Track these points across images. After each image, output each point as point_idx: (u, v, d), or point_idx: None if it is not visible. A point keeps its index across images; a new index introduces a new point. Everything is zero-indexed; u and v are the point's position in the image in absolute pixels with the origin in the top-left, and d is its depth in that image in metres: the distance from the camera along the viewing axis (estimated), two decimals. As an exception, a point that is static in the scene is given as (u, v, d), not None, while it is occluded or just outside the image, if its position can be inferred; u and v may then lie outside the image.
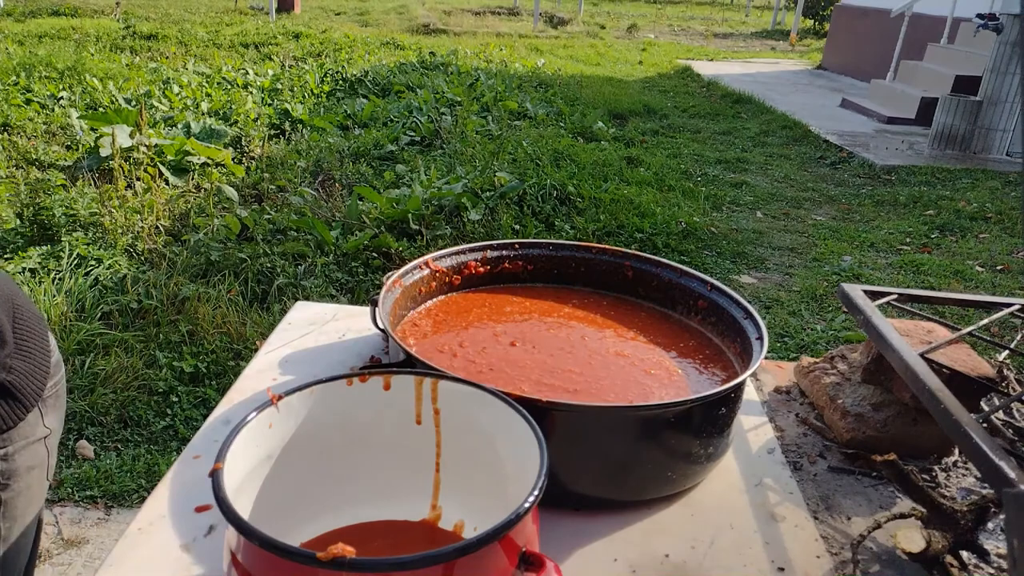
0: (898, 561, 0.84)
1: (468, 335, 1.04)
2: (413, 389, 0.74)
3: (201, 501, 0.83)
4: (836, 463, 1.02)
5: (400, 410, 0.75)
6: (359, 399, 0.74)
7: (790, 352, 3.34)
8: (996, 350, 1.16)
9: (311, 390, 0.71)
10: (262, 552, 0.54)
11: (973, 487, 0.98)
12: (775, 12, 19.52)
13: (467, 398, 0.73)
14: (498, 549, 0.57)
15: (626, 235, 4.39)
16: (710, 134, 7.36)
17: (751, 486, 0.93)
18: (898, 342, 0.96)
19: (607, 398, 0.92)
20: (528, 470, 0.63)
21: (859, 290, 1.13)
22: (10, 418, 0.98)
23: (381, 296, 0.98)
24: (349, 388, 0.73)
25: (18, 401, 0.99)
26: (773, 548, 0.83)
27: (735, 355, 1.03)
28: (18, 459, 1.01)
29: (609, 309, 1.16)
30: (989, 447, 0.75)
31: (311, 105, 6.84)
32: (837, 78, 11.07)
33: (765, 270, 4.29)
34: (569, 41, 13.53)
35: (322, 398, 0.72)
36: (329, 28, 11.51)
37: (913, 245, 4.73)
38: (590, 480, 0.84)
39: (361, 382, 0.73)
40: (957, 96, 6.77)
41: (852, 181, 6.01)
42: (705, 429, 0.86)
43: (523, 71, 9.41)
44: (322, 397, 0.72)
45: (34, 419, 1.04)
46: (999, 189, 5.75)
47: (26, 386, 1.01)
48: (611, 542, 0.82)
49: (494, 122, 6.53)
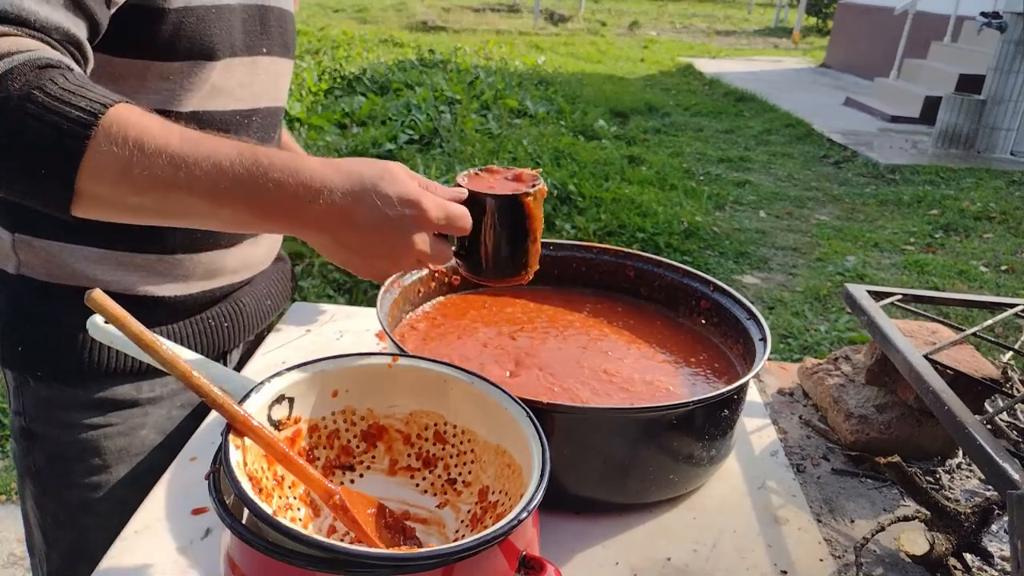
0: (902, 564, 0.84)
1: (464, 342, 1.04)
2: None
3: (198, 503, 0.82)
4: (840, 465, 1.02)
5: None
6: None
7: (793, 353, 3.33)
8: (1000, 351, 1.15)
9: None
10: (259, 556, 0.53)
11: (977, 489, 0.98)
12: (778, 9, 19.50)
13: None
14: (498, 552, 0.56)
15: (627, 235, 4.38)
16: (712, 132, 7.34)
17: (754, 488, 0.93)
18: (902, 343, 0.96)
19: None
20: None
21: (863, 290, 1.12)
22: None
23: (379, 296, 0.97)
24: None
25: None
26: (776, 551, 0.82)
27: (738, 356, 1.02)
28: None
29: (610, 311, 1.15)
30: (993, 449, 0.74)
31: (309, 103, 6.83)
32: (840, 76, 11.04)
33: (768, 270, 4.28)
34: (570, 38, 13.51)
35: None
36: (327, 25, 11.51)
37: (917, 245, 4.71)
38: (591, 482, 0.84)
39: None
40: (961, 95, 6.75)
41: (856, 180, 5.99)
42: (708, 431, 0.85)
43: (523, 69, 9.39)
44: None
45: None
46: (1003, 188, 5.73)
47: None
48: (613, 545, 0.81)
49: (494, 120, 6.51)
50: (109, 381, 0.93)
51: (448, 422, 0.74)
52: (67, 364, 0.91)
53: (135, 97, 0.83)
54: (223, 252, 0.97)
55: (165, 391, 0.97)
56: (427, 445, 0.75)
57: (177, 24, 0.81)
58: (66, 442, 0.94)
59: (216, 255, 0.96)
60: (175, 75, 0.84)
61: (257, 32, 0.92)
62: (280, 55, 0.98)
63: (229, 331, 1.02)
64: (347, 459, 0.74)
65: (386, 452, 0.75)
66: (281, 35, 0.98)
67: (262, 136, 0.98)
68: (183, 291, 0.95)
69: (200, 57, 0.84)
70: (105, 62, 0.79)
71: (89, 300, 0.56)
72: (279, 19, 0.97)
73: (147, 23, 0.79)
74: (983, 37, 6.91)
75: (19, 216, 0.88)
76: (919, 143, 7.05)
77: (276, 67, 0.98)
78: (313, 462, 0.72)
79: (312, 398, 0.71)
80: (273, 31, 0.95)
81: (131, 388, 0.94)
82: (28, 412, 0.94)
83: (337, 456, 0.73)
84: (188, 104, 0.86)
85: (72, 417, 0.93)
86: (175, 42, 0.81)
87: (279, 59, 0.98)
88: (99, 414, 0.93)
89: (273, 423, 0.68)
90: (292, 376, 0.69)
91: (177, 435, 0.99)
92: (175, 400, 0.99)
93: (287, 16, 0.99)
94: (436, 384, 0.73)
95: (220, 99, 0.89)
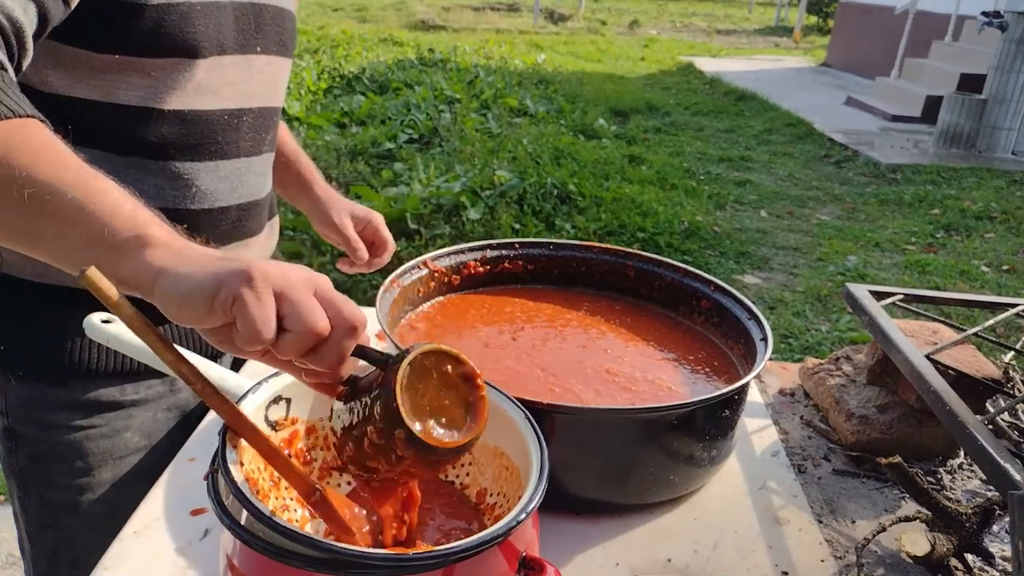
0: (903, 564, 0.83)
1: (465, 342, 1.04)
2: None
3: (196, 504, 0.82)
4: (841, 466, 1.01)
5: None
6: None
7: (794, 353, 3.32)
8: (1002, 351, 1.15)
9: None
10: (258, 556, 0.53)
11: (978, 489, 0.97)
12: (778, 9, 19.49)
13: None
14: (498, 553, 0.56)
15: (628, 234, 4.38)
16: (713, 132, 7.34)
17: (755, 489, 0.92)
18: (903, 343, 0.95)
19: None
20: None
21: (864, 290, 1.12)
22: None
23: (379, 296, 0.97)
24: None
25: None
26: (777, 552, 0.82)
27: (739, 356, 1.02)
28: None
29: (610, 311, 1.15)
30: (994, 449, 0.74)
31: (308, 102, 6.83)
32: (841, 75, 11.03)
33: (769, 270, 4.28)
34: (570, 37, 13.51)
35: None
36: (326, 24, 11.51)
37: (918, 245, 4.71)
38: (592, 483, 0.84)
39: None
40: (962, 94, 6.74)
41: (857, 180, 5.99)
42: (708, 431, 0.85)
43: (523, 68, 9.39)
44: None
45: None
46: (1004, 188, 5.73)
47: None
48: (613, 546, 0.81)
49: (494, 120, 6.51)
50: (92, 382, 0.92)
51: None
52: (49, 364, 0.90)
53: (115, 93, 0.82)
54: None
55: (150, 393, 0.97)
56: None
57: (157, 20, 0.79)
58: (49, 443, 0.93)
59: None
60: (156, 71, 0.82)
61: (251, 30, 0.91)
62: (276, 54, 0.96)
63: None
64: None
65: (385, 453, 0.75)
66: (278, 34, 0.96)
67: (254, 136, 0.97)
68: None
69: (183, 54, 0.83)
70: (84, 56, 0.78)
71: (83, 277, 0.54)
72: (276, 17, 0.95)
73: (124, 18, 0.77)
74: (984, 36, 6.90)
75: None
76: (920, 143, 7.05)
77: (271, 66, 0.96)
78: (310, 464, 0.72)
79: (310, 399, 0.70)
80: (269, 29, 0.94)
81: (115, 390, 0.93)
82: (11, 412, 0.94)
83: (334, 458, 0.73)
84: (171, 102, 0.85)
85: (55, 418, 0.92)
86: (156, 38, 0.80)
87: (275, 58, 0.96)
88: (82, 415, 0.93)
89: (270, 424, 0.67)
90: (290, 377, 0.68)
91: (164, 439, 0.98)
92: (160, 403, 0.98)
93: (286, 15, 0.98)
94: None
95: (206, 98, 0.88)
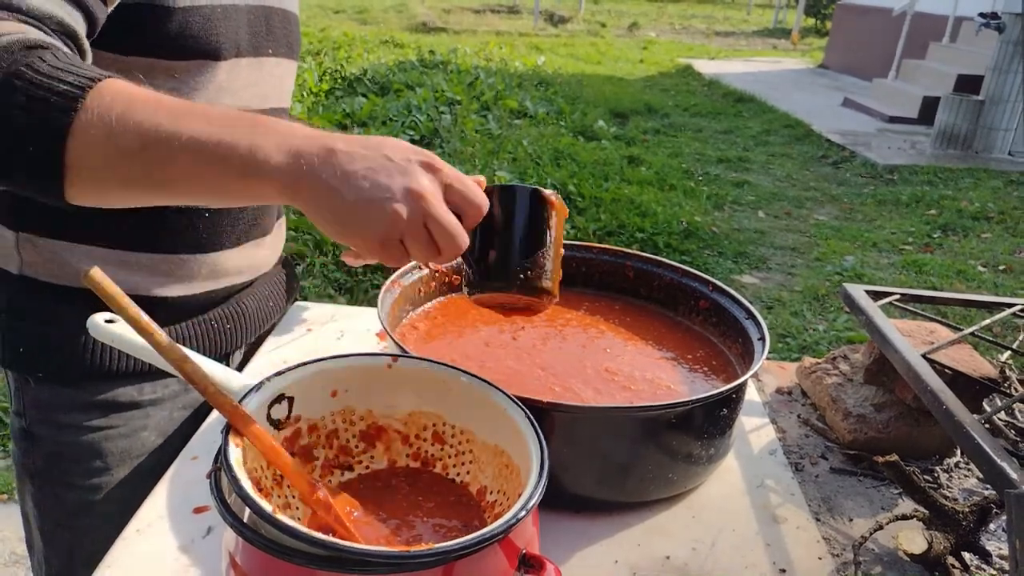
0: (900, 562, 0.84)
1: (465, 342, 1.04)
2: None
3: (199, 502, 0.82)
4: (838, 464, 1.02)
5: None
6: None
7: (792, 353, 3.33)
8: (998, 351, 1.16)
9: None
10: (261, 554, 0.54)
11: (975, 488, 0.98)
12: (776, 11, 19.51)
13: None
14: (498, 550, 0.56)
15: (627, 235, 4.38)
16: (711, 133, 7.35)
17: (753, 487, 0.93)
18: (900, 342, 0.96)
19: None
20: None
21: (861, 290, 1.13)
22: None
23: (380, 296, 0.98)
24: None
25: None
26: (775, 550, 0.83)
27: (736, 356, 1.02)
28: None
29: (609, 310, 1.15)
30: (991, 448, 0.74)
31: (309, 104, 6.83)
32: (839, 77, 11.04)
33: (767, 270, 4.29)
34: (570, 39, 13.52)
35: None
36: (328, 26, 11.51)
37: (915, 245, 4.72)
38: (591, 481, 0.84)
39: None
40: (959, 95, 6.75)
41: (854, 180, 6.00)
42: (706, 430, 0.86)
43: (523, 69, 9.39)
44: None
45: None
46: (1001, 188, 5.74)
47: None
48: (612, 544, 0.82)
49: (494, 121, 6.52)
50: (110, 383, 0.93)
51: (447, 422, 0.74)
52: (68, 365, 0.91)
53: None
54: (227, 253, 0.97)
55: (167, 392, 0.98)
56: (425, 445, 0.75)
57: (183, 23, 0.81)
58: (66, 443, 0.94)
59: (220, 256, 0.96)
60: (181, 74, 0.84)
61: (263, 33, 0.93)
62: (285, 56, 0.99)
63: (231, 332, 1.02)
64: (346, 459, 0.74)
65: (384, 452, 0.75)
66: (286, 36, 0.98)
67: None
68: (186, 292, 0.95)
69: (206, 56, 0.85)
70: (112, 60, 0.79)
71: (86, 278, 0.54)
72: (283, 20, 0.97)
73: (153, 21, 0.79)
74: (981, 38, 6.92)
75: (23, 215, 0.88)
76: (917, 143, 7.06)
77: (280, 68, 0.99)
78: (312, 461, 0.72)
79: (312, 398, 0.71)
80: (278, 32, 0.96)
81: (133, 390, 0.94)
82: (28, 413, 0.94)
83: (336, 456, 0.74)
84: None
85: (73, 419, 0.93)
86: (181, 41, 0.82)
87: (283, 60, 0.99)
88: (100, 416, 0.93)
89: (272, 422, 0.68)
90: (292, 375, 0.69)
91: (178, 437, 0.99)
92: (176, 402, 0.99)
93: (291, 18, 1.00)
94: (436, 384, 0.73)
95: (227, 99, 0.90)
